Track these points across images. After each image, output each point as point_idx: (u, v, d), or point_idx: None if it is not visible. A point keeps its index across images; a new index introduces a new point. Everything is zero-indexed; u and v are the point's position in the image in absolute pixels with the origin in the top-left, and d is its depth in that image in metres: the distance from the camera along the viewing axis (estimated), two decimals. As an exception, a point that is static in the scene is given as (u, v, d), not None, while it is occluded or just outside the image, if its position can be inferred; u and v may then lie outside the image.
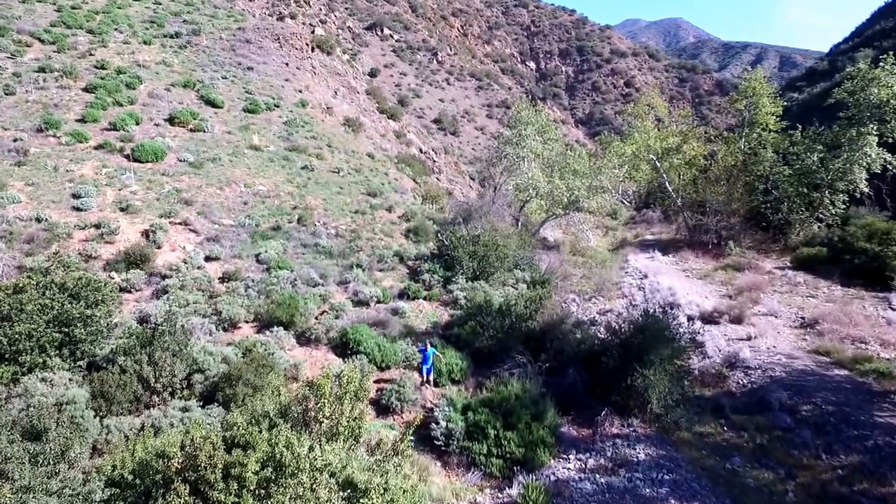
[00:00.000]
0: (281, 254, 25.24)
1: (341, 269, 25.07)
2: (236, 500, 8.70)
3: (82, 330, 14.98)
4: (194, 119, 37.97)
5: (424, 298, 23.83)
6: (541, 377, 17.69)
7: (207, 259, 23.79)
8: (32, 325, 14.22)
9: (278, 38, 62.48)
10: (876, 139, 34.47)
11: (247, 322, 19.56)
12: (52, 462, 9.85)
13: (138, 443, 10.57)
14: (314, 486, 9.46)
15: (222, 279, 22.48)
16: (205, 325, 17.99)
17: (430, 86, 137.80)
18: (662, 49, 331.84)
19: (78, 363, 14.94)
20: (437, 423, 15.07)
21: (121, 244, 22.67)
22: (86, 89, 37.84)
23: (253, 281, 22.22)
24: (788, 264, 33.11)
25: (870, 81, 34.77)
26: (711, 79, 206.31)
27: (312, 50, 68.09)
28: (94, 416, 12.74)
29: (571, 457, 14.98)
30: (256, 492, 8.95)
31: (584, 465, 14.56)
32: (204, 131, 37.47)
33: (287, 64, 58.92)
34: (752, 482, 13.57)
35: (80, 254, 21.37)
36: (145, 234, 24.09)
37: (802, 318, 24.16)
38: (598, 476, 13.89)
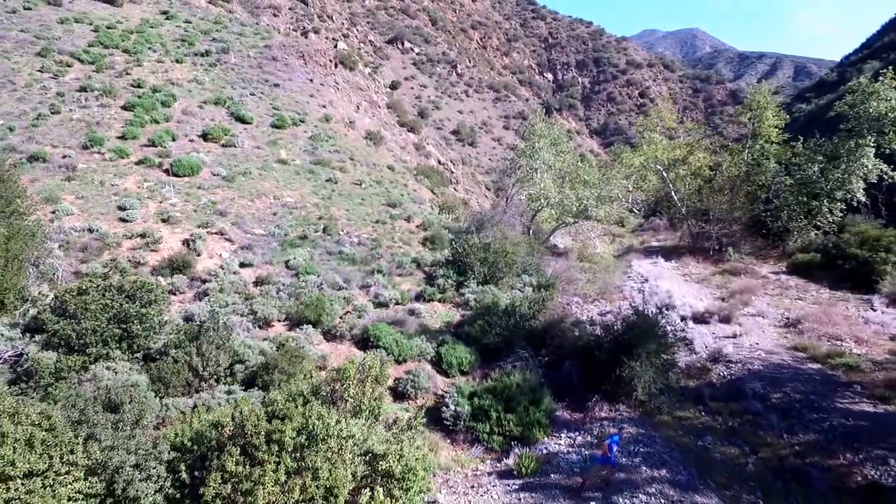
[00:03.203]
0: (308, 260, 27.66)
1: (363, 275, 27.44)
2: (277, 459, 10.94)
3: (138, 326, 17.42)
4: (226, 135, 40.68)
5: (439, 300, 26.06)
6: (540, 370, 19.91)
7: (242, 265, 26.38)
8: (96, 322, 16.70)
9: (303, 56, 65.32)
10: (873, 150, 36.07)
11: (279, 321, 21.98)
12: (128, 428, 12.18)
13: (194, 417, 12.94)
14: (340, 450, 11.78)
15: (256, 283, 25.01)
16: (242, 322, 20.45)
17: (449, 98, 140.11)
18: (679, 59, 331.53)
19: (135, 355, 17.37)
20: (447, 407, 17.31)
21: (164, 252, 25.32)
22: (124, 107, 40.77)
23: (283, 285, 24.70)
24: (784, 269, 34.67)
25: (869, 95, 36.31)
26: (725, 89, 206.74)
27: (336, 66, 70.87)
28: (155, 397, 15.12)
29: (563, 435, 17.19)
30: (293, 454, 11.18)
31: (573, 442, 16.75)
32: (235, 146, 40.22)
33: (311, 80, 61.73)
34: (718, 456, 15.62)
35: (129, 261, 23.93)
36: (186, 242, 26.77)
37: (787, 318, 25.98)
38: (583, 449, 16.09)
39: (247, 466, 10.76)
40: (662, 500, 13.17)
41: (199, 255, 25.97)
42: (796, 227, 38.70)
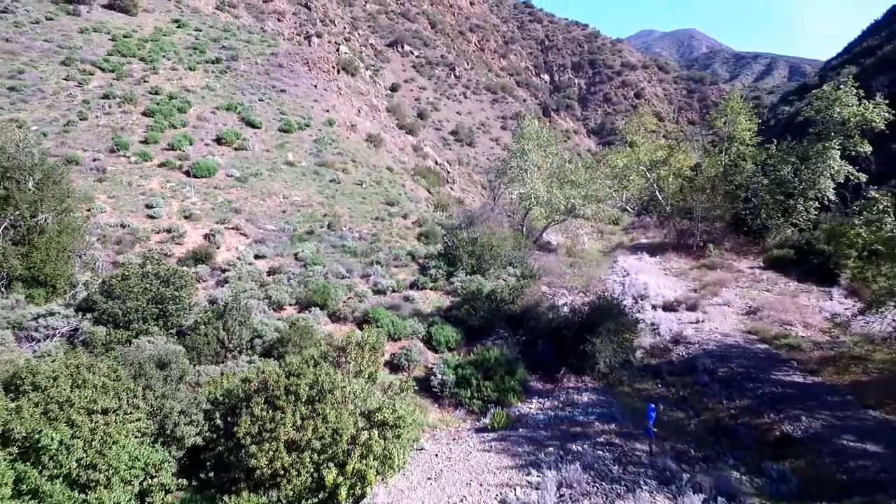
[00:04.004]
0: (315, 253, 30.74)
1: (364, 265, 30.52)
2: (293, 407, 13.95)
3: (172, 307, 20.50)
4: (237, 139, 43.81)
5: (431, 288, 29.06)
6: (517, 347, 22.96)
7: (256, 257, 29.57)
8: (138, 303, 19.76)
9: (307, 63, 68.52)
10: (839, 152, 38.93)
11: (290, 305, 25.10)
12: (174, 383, 15.23)
13: (223, 379, 16.04)
14: (344, 401, 14.82)
15: (269, 272, 28.17)
16: (259, 305, 23.55)
17: (447, 99, 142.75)
18: (676, 59, 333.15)
19: (170, 331, 20.39)
20: (435, 376, 20.33)
21: (188, 245, 28.51)
22: (144, 113, 43.95)
23: (293, 274, 27.86)
24: (761, 264, 37.35)
25: (833, 102, 39.19)
26: (719, 89, 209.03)
27: (338, 72, 74.06)
28: (190, 364, 18.13)
29: (534, 401, 20.20)
30: (306, 403, 14.20)
31: (542, 406, 19.73)
32: (246, 150, 43.42)
33: (315, 86, 64.93)
34: (665, 418, 18.43)
35: (157, 252, 27.00)
36: (206, 237, 29.94)
37: (750, 307, 28.86)
38: (549, 411, 19.08)
39: (270, 412, 13.77)
40: (607, 446, 16.10)
41: (218, 247, 29.09)
42: (774, 225, 41.17)
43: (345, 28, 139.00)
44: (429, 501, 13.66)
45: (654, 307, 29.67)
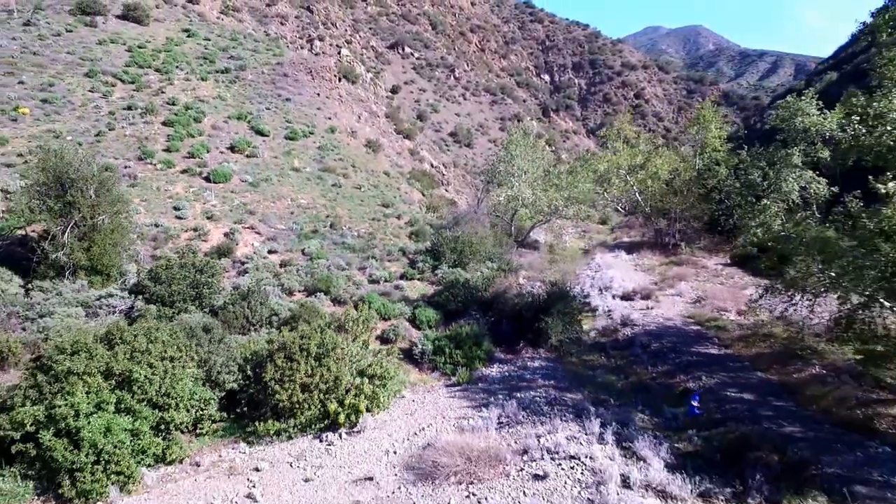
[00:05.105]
0: (319, 249, 35.70)
1: (361, 259, 35.46)
2: (305, 360, 18.94)
3: (206, 290, 25.57)
4: (249, 147, 48.81)
5: (418, 279, 33.98)
6: (486, 325, 27.84)
7: (270, 252, 34.65)
8: (179, 286, 24.80)
9: (310, 71, 73.49)
10: (800, 158, 43.20)
11: (299, 291, 30.10)
12: (217, 342, 20.21)
13: (250, 343, 21.04)
14: (343, 357, 19.81)
15: (281, 265, 33.23)
16: (274, 290, 28.53)
17: (447, 101, 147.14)
18: (681, 57, 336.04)
19: (204, 309, 25.35)
20: (416, 347, 25.24)
21: (212, 241, 33.58)
22: (164, 123, 48.92)
23: (301, 266, 32.87)
24: (727, 261, 41.41)
25: (796, 111, 43.48)
26: (718, 90, 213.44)
27: (339, 80, 79.05)
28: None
29: (496, 366, 25.09)
30: (315, 358, 19.17)
31: (501, 370, 24.63)
32: (256, 157, 48.48)
33: (318, 94, 69.99)
34: (600, 380, 23.29)
35: (187, 248, 31.98)
36: (226, 234, 34.97)
37: (699, 296, 33.45)
38: (506, 373, 24.04)
39: (288, 363, 18.76)
40: (544, 394, 20.98)
41: (237, 244, 34.09)
42: (745, 225, 45.41)
43: (346, 30, 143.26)
44: (404, 426, 18.68)
45: (613, 297, 34.55)
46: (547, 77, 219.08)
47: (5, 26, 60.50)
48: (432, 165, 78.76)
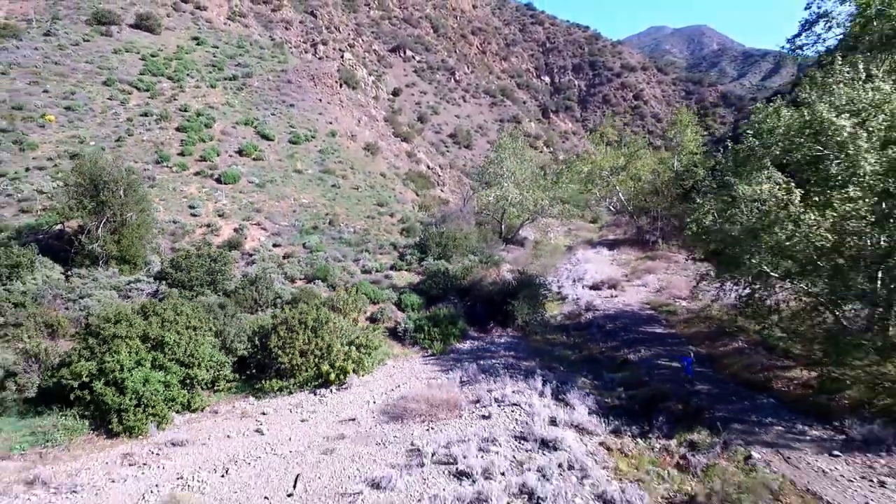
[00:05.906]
0: (318, 243, 39.88)
1: (356, 252, 39.61)
2: (303, 331, 23.05)
3: (220, 277, 29.79)
4: (255, 150, 52.96)
5: (406, 270, 38.02)
6: (462, 308, 31.87)
7: (274, 245, 38.90)
8: (197, 273, 28.99)
9: (313, 78, 77.60)
10: (769, 161, 46.59)
11: (300, 278, 34.25)
12: (230, 317, 24.30)
13: (258, 319, 25.14)
14: (335, 329, 23.91)
15: (284, 256, 37.44)
16: (279, 278, 32.68)
17: (447, 103, 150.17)
18: (685, 57, 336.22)
19: (218, 293, 29.46)
20: (400, 326, 29.32)
21: (223, 236, 37.75)
22: (178, 129, 53.10)
23: (302, 258, 37.07)
24: (700, 256, 42.79)
25: (766, 117, 46.91)
26: (716, 91, 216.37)
27: (340, 86, 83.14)
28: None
29: (468, 342, 29.19)
30: (311, 330, 23.27)
31: (472, 345, 28.72)
32: (262, 160, 52.62)
33: (320, 100, 74.11)
34: (557, 353, 27.23)
35: (202, 241, 36.10)
36: (236, 230, 39.13)
37: (661, 286, 37.16)
38: (474, 347, 28.12)
39: (289, 334, 22.87)
40: (503, 362, 24.95)
41: (245, 238, 38.26)
42: (718, 222, 48.56)
43: (349, 34, 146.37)
44: (384, 383, 22.88)
45: (584, 287, 38.36)
46: (547, 79, 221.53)
47: (27, 37, 64.67)
48: (428, 167, 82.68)
